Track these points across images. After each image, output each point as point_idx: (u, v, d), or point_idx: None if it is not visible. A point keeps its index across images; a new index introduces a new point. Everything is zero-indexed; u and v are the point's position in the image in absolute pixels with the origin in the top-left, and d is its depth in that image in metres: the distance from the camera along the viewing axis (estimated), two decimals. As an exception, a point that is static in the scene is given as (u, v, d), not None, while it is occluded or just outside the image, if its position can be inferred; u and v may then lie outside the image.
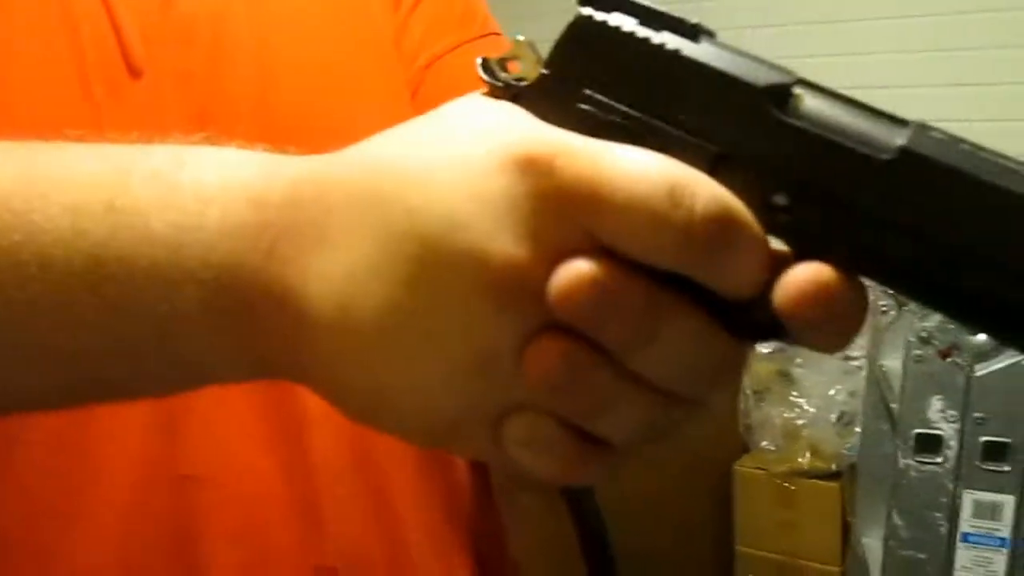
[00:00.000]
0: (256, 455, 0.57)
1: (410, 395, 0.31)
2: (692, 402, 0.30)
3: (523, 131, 0.29)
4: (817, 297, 0.27)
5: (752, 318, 0.28)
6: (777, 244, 0.29)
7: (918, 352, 1.28)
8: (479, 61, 0.32)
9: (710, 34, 0.30)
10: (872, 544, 1.49)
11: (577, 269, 0.27)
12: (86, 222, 0.32)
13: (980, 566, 1.27)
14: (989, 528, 1.26)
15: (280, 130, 0.34)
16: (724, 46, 0.30)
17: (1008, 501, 1.25)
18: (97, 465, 0.54)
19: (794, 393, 2.15)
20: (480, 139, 0.29)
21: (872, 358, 1.63)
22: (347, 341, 0.30)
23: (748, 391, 2.24)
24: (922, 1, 2.52)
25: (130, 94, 0.56)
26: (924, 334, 1.27)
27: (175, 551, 0.55)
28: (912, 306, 1.52)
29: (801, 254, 0.28)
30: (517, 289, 0.28)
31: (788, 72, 0.29)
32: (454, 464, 0.65)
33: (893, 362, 1.45)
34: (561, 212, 0.28)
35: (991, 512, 1.26)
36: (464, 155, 0.29)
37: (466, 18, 0.67)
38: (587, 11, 0.30)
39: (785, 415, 2.16)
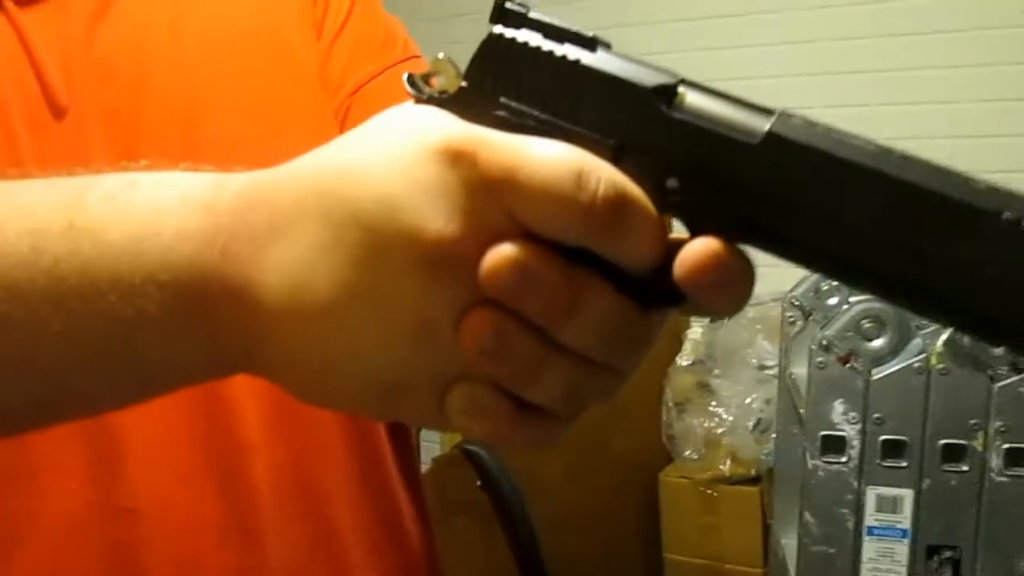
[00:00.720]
0: (194, 485, 0.57)
1: (358, 366, 0.33)
2: (611, 369, 0.33)
3: (449, 127, 0.32)
4: (710, 266, 0.31)
5: (656, 290, 0.32)
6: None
7: (820, 359, 1.34)
8: (405, 76, 0.35)
9: (607, 45, 0.34)
10: (790, 544, 1.54)
11: (501, 250, 0.30)
12: (45, 243, 0.34)
13: (885, 556, 1.33)
14: (891, 521, 1.33)
15: (207, 165, 0.37)
16: (618, 54, 0.33)
17: (907, 495, 1.32)
18: (36, 499, 0.54)
19: (713, 403, 2.21)
20: (410, 135, 0.32)
21: (783, 367, 1.71)
22: (300, 322, 0.33)
23: (670, 403, 2.29)
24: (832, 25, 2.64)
25: (54, 134, 0.56)
26: (825, 342, 1.34)
27: None
28: (816, 316, 1.60)
29: (693, 229, 0.32)
30: (449, 262, 0.31)
31: (673, 74, 0.33)
32: (393, 488, 0.67)
33: (801, 370, 1.51)
34: (486, 196, 0.31)
35: (892, 506, 1.33)
36: (396, 149, 0.32)
37: (388, 44, 0.68)
38: (499, 29, 0.34)
39: (705, 424, 2.21)
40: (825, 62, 2.60)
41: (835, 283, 1.46)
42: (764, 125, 0.31)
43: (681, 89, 0.32)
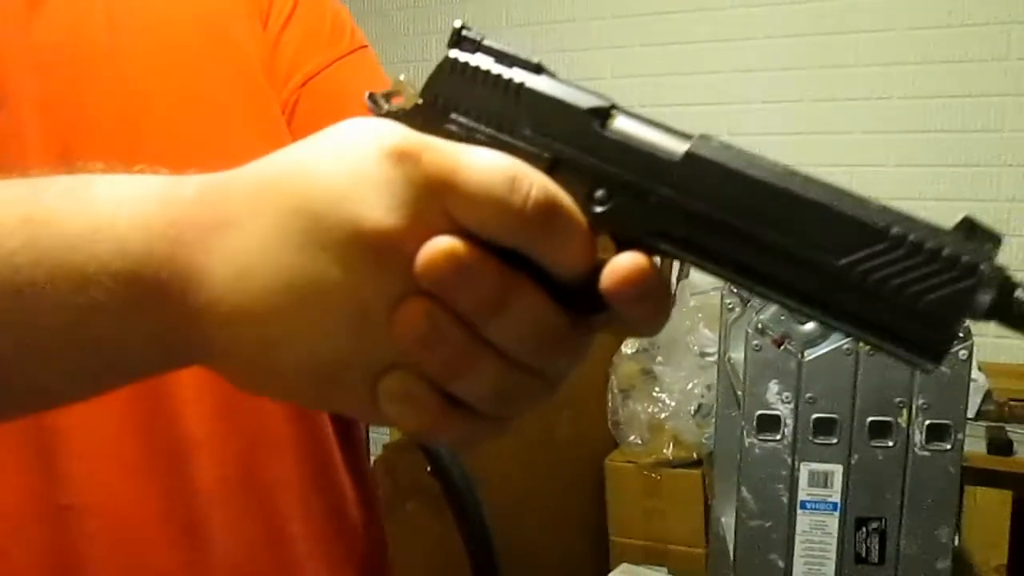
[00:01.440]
0: (137, 482, 0.57)
1: (295, 351, 0.34)
2: (539, 375, 0.34)
3: (396, 131, 0.34)
4: (634, 278, 0.32)
5: (583, 299, 0.34)
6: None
7: (756, 342, 1.40)
8: (367, 95, 0.38)
9: (550, 72, 0.37)
10: (730, 521, 1.59)
11: (437, 243, 0.32)
12: (1, 235, 0.34)
13: (817, 529, 1.39)
14: (822, 495, 1.38)
15: (148, 158, 0.37)
16: (559, 79, 0.37)
17: (837, 470, 1.38)
18: None
19: (656, 389, 2.26)
20: (362, 139, 0.34)
21: (722, 351, 1.76)
22: (241, 305, 0.33)
23: (615, 390, 2.34)
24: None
25: None
26: (760, 325, 1.39)
27: None
28: (754, 302, 1.66)
29: (617, 239, 0.35)
30: (387, 252, 0.32)
31: (607, 98, 0.36)
32: (340, 481, 0.66)
33: (739, 354, 1.56)
34: (427, 194, 0.32)
35: (823, 481, 1.38)
36: (348, 149, 0.33)
37: (335, 34, 0.67)
38: (454, 53, 0.37)
39: (649, 410, 2.26)
40: (763, 59, 2.68)
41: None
42: (684, 146, 0.34)
43: (613, 112, 0.36)
